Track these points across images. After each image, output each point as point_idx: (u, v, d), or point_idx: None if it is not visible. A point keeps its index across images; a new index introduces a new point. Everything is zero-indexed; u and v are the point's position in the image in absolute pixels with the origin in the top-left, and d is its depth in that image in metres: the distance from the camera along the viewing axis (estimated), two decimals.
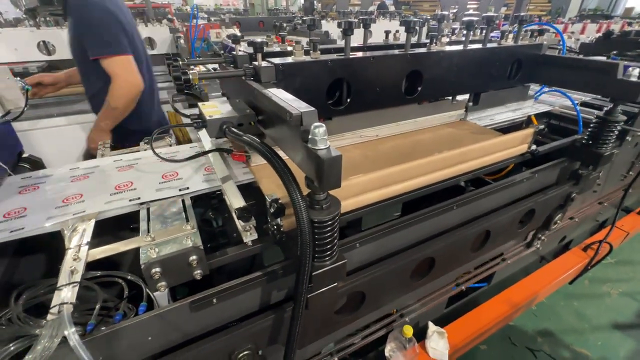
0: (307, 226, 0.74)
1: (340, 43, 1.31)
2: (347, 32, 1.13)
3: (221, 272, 1.06)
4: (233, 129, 0.96)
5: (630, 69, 1.41)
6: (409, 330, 1.33)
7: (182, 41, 2.78)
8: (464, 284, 1.65)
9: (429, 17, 1.76)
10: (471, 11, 10.27)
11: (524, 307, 1.95)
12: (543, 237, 1.84)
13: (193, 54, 2.83)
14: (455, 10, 9.81)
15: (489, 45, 1.51)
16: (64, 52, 2.85)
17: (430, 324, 1.57)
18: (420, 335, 1.58)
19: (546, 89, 1.96)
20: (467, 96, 1.67)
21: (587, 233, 2.64)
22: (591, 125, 1.55)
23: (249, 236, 0.90)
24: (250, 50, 1.12)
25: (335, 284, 0.90)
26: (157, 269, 0.79)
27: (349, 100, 1.21)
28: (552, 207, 1.72)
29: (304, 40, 1.77)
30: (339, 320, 1.21)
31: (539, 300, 2.10)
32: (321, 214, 0.79)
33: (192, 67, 1.12)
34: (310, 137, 0.69)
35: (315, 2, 9.16)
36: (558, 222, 1.80)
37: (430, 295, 1.57)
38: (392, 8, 11.13)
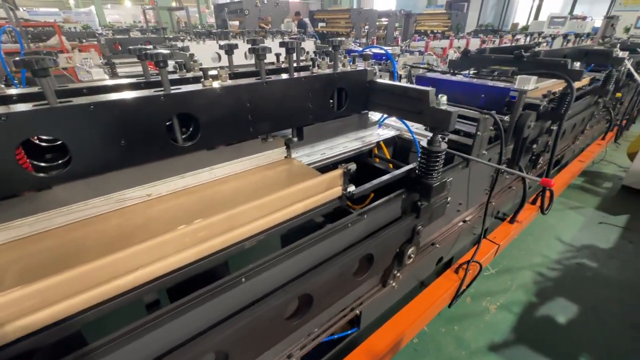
0: None
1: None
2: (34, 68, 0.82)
3: None
4: None
5: (439, 96, 1.33)
6: None
7: None
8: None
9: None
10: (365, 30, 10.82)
11: (396, 349, 1.79)
12: (398, 274, 1.69)
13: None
14: (367, 27, 10.28)
15: (296, 74, 1.33)
16: None
17: None
18: None
19: None
20: (289, 131, 1.47)
21: (469, 245, 2.65)
22: (418, 156, 1.44)
23: None
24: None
25: None
26: None
27: (69, 164, 0.89)
28: (398, 244, 1.59)
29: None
30: None
31: (411, 337, 1.97)
32: None
33: None
34: None
35: (228, 20, 8.87)
36: (412, 256, 1.68)
37: None
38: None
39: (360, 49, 5.54)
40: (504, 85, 2.22)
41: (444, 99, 1.31)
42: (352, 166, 1.21)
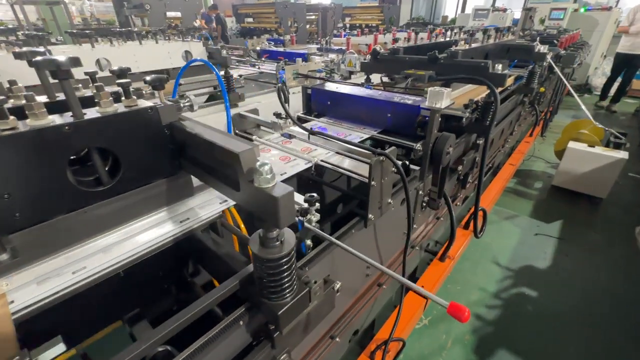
0: None
1: None
2: None
3: None
4: None
5: (259, 164, 0.70)
6: None
7: None
8: None
9: None
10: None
11: None
12: None
13: None
14: (296, 24, 9.59)
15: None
16: None
17: None
18: None
19: None
20: None
21: (394, 297, 2.14)
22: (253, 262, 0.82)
23: None
24: None
25: None
26: None
27: None
28: None
29: None
30: None
31: None
32: None
33: None
34: None
35: (130, 16, 7.60)
36: None
37: None
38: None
39: (280, 49, 4.83)
40: (413, 102, 1.70)
41: (266, 167, 0.68)
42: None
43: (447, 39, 4.31)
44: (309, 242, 1.01)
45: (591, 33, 8.03)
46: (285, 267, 0.79)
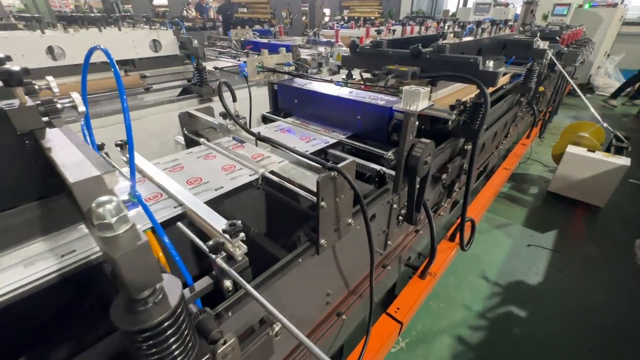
0: None
1: None
2: None
3: None
4: None
5: (104, 209, 0.48)
6: None
7: None
8: None
9: None
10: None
11: None
12: None
13: None
14: (291, 15, 9.26)
15: None
16: None
17: None
18: None
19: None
20: None
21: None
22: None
23: None
24: None
25: None
26: None
27: None
28: None
29: None
30: None
31: None
32: None
33: None
34: None
35: (116, 3, 7.27)
36: None
37: None
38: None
39: (264, 41, 4.57)
40: (386, 103, 1.47)
41: (108, 207, 0.46)
42: None
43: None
44: (228, 283, 0.79)
45: (595, 30, 7.75)
46: (167, 334, 0.58)
